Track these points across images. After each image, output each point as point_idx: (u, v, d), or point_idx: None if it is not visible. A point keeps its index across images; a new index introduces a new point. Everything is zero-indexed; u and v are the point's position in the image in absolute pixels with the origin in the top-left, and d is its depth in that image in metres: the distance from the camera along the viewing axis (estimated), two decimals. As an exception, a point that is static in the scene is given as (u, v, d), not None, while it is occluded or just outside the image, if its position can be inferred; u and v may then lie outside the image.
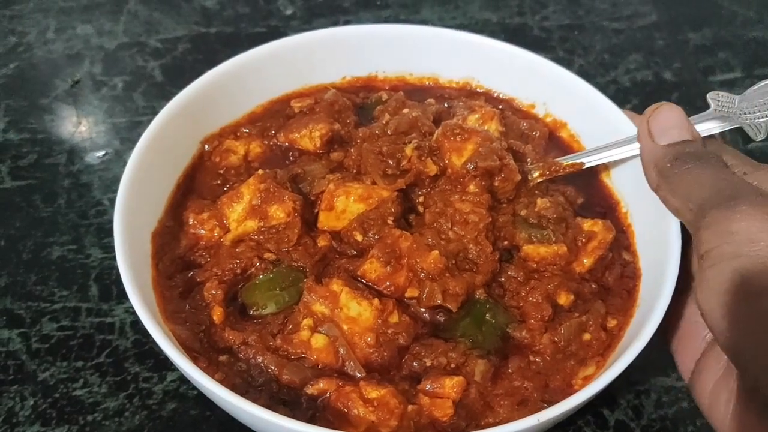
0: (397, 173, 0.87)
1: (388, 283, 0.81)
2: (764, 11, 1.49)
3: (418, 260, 0.80)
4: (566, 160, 0.92)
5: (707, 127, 0.83)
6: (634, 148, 0.85)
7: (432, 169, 0.86)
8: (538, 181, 0.91)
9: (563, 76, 1.00)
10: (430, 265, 0.80)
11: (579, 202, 0.94)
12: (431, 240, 0.82)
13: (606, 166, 0.97)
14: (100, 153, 1.16)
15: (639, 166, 0.90)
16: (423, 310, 0.81)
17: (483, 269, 0.82)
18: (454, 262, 0.81)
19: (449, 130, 0.88)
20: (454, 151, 0.87)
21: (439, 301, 0.79)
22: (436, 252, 0.80)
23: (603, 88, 0.99)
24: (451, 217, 0.83)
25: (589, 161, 0.92)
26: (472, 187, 0.85)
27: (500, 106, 1.03)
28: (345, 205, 0.85)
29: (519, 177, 0.88)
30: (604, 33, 1.43)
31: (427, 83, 1.08)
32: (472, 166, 0.85)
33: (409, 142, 0.89)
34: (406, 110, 0.97)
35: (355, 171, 0.89)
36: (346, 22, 1.41)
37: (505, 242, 0.86)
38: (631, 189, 0.93)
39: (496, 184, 0.87)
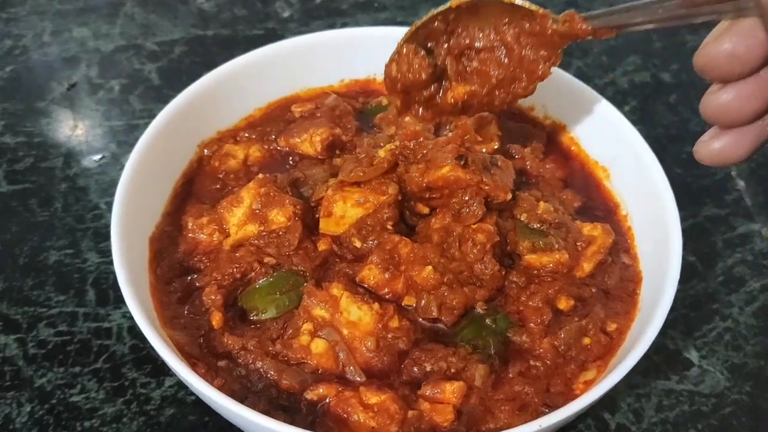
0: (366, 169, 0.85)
1: (386, 289, 0.80)
2: (762, 13, 1.49)
3: (412, 273, 0.80)
4: (599, 20, 0.71)
5: None
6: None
7: (424, 210, 0.86)
8: (560, 31, 0.74)
9: (562, 79, 1.00)
10: (424, 280, 0.79)
11: (577, 206, 0.93)
12: (431, 255, 0.81)
13: (605, 169, 0.97)
14: (97, 156, 1.15)
15: (639, 168, 0.91)
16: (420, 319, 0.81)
17: (488, 285, 0.82)
18: (452, 276, 0.81)
19: (416, 194, 0.84)
20: (436, 201, 0.85)
21: (434, 314, 0.79)
22: (430, 267, 0.80)
23: (601, 90, 0.99)
24: (459, 236, 0.82)
25: (625, 25, 0.69)
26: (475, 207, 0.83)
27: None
28: (343, 210, 0.85)
29: (509, 196, 0.84)
30: (602, 35, 1.43)
31: (425, 85, 1.08)
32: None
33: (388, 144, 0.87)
34: (407, 118, 0.96)
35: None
36: (344, 25, 1.40)
37: (507, 247, 0.86)
38: (631, 191, 0.93)
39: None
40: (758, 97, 0.61)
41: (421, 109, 0.86)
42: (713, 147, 0.66)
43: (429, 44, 0.83)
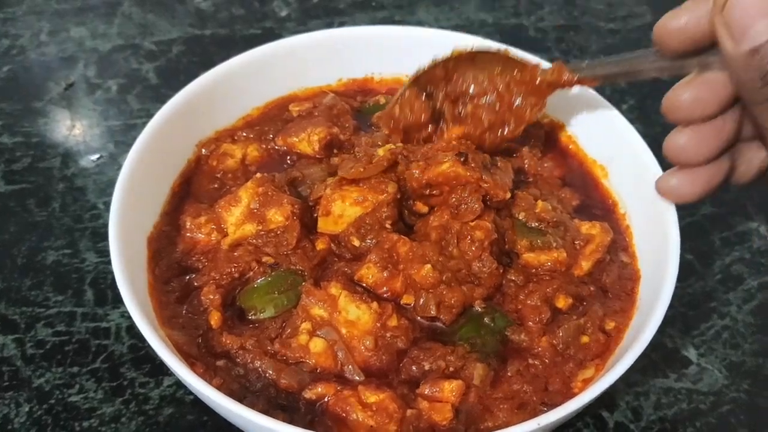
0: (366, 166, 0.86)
1: (385, 288, 0.80)
2: (759, 11, 1.49)
3: (411, 271, 0.80)
4: (584, 72, 0.83)
5: None
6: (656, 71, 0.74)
7: (423, 209, 0.87)
8: (547, 80, 0.85)
9: (560, 78, 1.00)
10: (423, 278, 0.80)
11: (575, 204, 0.93)
12: (429, 253, 0.81)
13: (603, 167, 0.97)
14: (95, 156, 1.15)
15: (637, 167, 0.90)
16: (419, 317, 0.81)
17: (486, 283, 0.82)
18: (450, 274, 0.81)
19: (416, 191, 0.85)
20: (435, 200, 0.86)
21: (432, 313, 0.79)
22: (429, 266, 0.80)
23: (599, 89, 0.99)
24: (458, 233, 0.82)
25: (608, 76, 0.81)
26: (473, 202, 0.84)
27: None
28: (342, 209, 0.84)
29: (508, 194, 0.85)
30: (600, 34, 1.43)
31: (423, 84, 1.08)
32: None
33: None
34: None
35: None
36: (342, 24, 1.40)
37: (506, 246, 0.86)
38: (629, 190, 0.93)
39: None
40: (712, 140, 0.68)
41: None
42: (670, 183, 0.75)
43: (429, 88, 0.91)
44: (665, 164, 0.90)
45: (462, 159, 0.83)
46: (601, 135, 0.97)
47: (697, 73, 0.67)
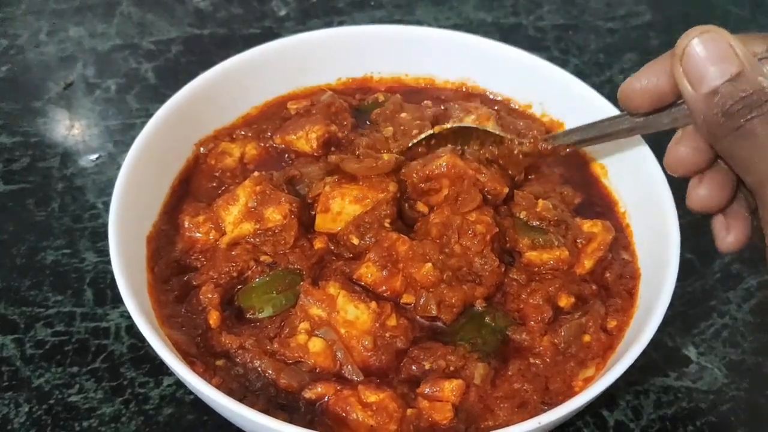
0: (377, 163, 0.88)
1: (384, 287, 0.80)
2: (757, 10, 1.50)
3: (412, 270, 0.80)
4: (558, 140, 0.88)
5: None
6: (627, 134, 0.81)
7: (424, 208, 0.87)
8: (524, 152, 0.89)
9: (559, 76, 1.00)
10: (424, 277, 0.79)
11: (577, 202, 0.93)
12: (429, 251, 0.81)
13: (603, 166, 0.97)
14: (94, 156, 1.15)
15: (637, 165, 0.91)
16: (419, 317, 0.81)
17: (487, 281, 0.82)
18: (451, 273, 0.81)
19: (417, 188, 0.87)
20: (434, 200, 0.87)
21: (433, 312, 0.79)
22: (429, 265, 0.80)
23: (598, 88, 0.99)
24: (459, 228, 0.82)
25: (581, 141, 0.86)
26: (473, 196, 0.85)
27: (496, 107, 1.02)
28: (341, 207, 0.84)
29: (506, 189, 0.87)
30: (599, 33, 1.43)
31: (422, 84, 1.08)
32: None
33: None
34: (404, 114, 0.96)
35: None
36: (341, 23, 1.40)
37: (507, 245, 0.86)
38: (629, 188, 0.93)
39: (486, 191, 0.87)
40: (728, 182, 0.72)
41: None
42: (700, 194, 0.76)
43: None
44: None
45: (460, 152, 0.87)
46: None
47: (683, 129, 0.72)
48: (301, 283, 0.80)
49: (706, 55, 0.62)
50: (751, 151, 0.61)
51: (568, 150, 0.88)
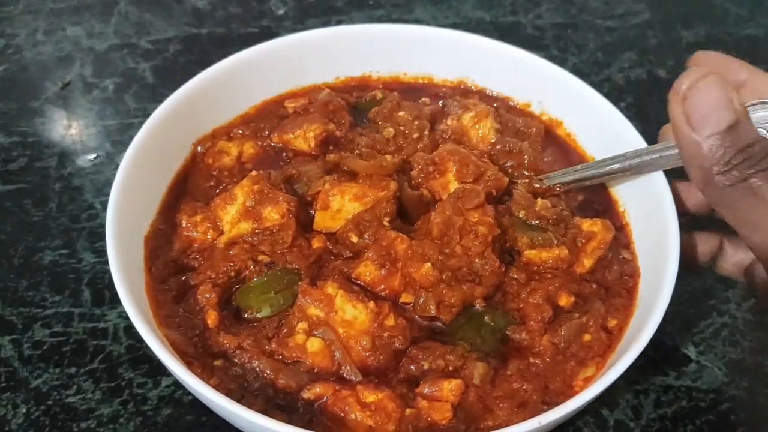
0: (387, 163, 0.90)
1: (382, 286, 0.80)
2: (756, 9, 1.49)
3: (411, 269, 0.80)
4: (553, 179, 0.92)
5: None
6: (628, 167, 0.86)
7: (428, 196, 0.88)
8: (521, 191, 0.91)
9: (558, 75, 1.00)
10: (423, 277, 0.79)
11: (576, 201, 0.93)
12: (429, 251, 0.81)
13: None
14: (92, 156, 1.14)
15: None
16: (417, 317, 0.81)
17: (487, 281, 0.81)
18: (450, 273, 0.80)
19: (423, 170, 0.89)
20: (439, 185, 0.88)
21: (432, 312, 0.79)
22: (429, 265, 0.79)
23: (597, 86, 0.99)
24: (461, 229, 0.82)
25: (575, 181, 0.91)
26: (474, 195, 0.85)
27: (495, 104, 1.02)
28: (340, 204, 0.84)
29: (506, 179, 0.89)
30: (598, 31, 1.43)
31: (421, 82, 1.08)
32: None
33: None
34: (402, 113, 0.96)
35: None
36: (339, 22, 1.40)
37: (507, 244, 0.86)
38: (628, 187, 0.93)
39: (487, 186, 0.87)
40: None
41: None
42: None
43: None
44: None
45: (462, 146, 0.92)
46: (600, 132, 0.97)
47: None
48: (299, 282, 0.80)
49: (710, 100, 0.61)
50: (754, 208, 0.60)
51: (560, 191, 0.92)
